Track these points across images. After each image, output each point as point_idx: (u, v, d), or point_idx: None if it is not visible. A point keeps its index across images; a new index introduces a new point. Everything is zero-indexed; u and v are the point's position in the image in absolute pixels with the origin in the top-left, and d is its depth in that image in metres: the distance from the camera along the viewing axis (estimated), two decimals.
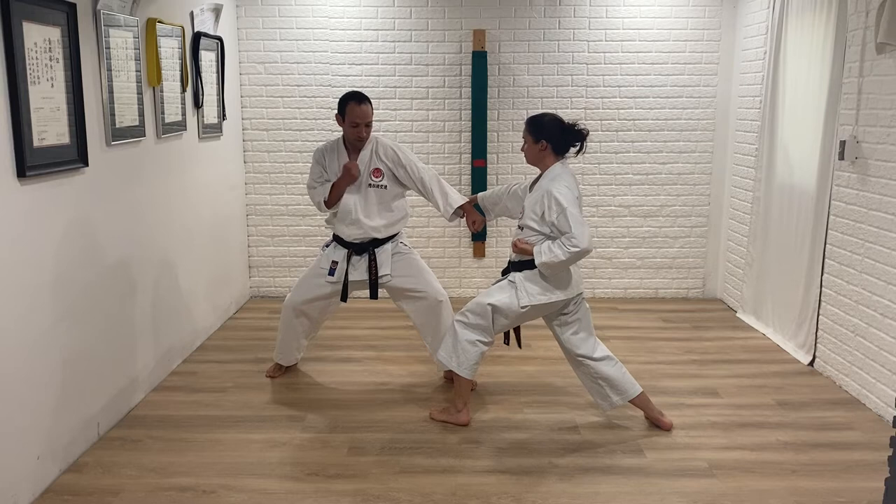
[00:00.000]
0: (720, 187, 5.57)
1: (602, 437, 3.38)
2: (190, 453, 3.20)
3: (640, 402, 3.44)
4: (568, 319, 3.40)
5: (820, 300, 4.15)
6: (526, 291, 3.30)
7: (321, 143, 3.91)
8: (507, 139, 5.52)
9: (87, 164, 3.16)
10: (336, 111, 3.72)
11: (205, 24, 4.59)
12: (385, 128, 5.46)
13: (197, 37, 4.45)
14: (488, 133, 5.46)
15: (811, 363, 4.23)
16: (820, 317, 4.16)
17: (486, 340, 3.38)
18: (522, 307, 3.29)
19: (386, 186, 3.75)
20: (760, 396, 3.83)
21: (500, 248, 5.67)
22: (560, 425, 3.50)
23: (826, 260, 4.09)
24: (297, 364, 4.24)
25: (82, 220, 3.18)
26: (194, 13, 4.44)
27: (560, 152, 3.35)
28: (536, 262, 3.23)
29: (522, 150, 3.45)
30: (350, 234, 3.76)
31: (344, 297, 3.83)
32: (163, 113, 4.00)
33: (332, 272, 3.79)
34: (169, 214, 4.12)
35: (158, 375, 3.97)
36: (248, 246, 5.66)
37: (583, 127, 3.35)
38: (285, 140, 5.53)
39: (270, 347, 4.55)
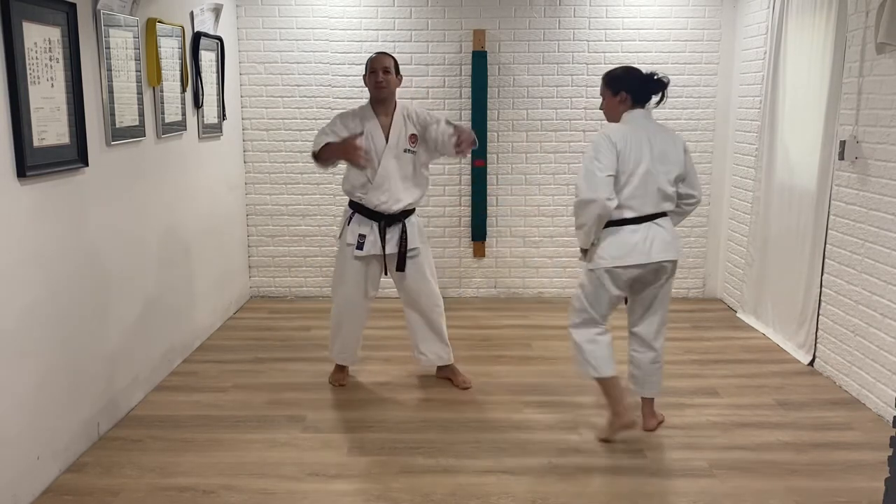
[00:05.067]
0: (720, 187, 5.56)
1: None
2: (190, 453, 3.20)
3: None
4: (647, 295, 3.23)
5: (820, 300, 4.15)
6: (595, 255, 3.13)
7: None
8: (507, 139, 5.52)
9: (87, 164, 3.16)
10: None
11: (205, 24, 4.59)
12: None
13: (197, 37, 4.45)
14: (488, 133, 5.46)
15: (811, 363, 4.23)
16: (820, 317, 4.16)
17: (599, 330, 3.22)
18: (590, 270, 3.15)
19: (416, 152, 3.71)
20: (760, 396, 3.82)
21: (499, 248, 5.67)
22: (560, 425, 3.49)
23: (826, 260, 4.09)
24: (299, 364, 4.24)
25: (82, 220, 3.18)
26: (194, 13, 4.44)
27: (640, 102, 3.19)
28: None
29: (601, 108, 3.28)
30: (384, 201, 3.64)
31: (387, 271, 3.76)
32: (163, 113, 4.00)
33: (360, 246, 3.68)
34: (169, 214, 4.12)
35: (158, 375, 3.97)
36: (248, 246, 5.66)
37: (663, 75, 3.20)
38: (285, 140, 5.53)
39: (270, 347, 4.56)
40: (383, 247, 3.68)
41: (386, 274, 3.79)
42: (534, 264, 5.69)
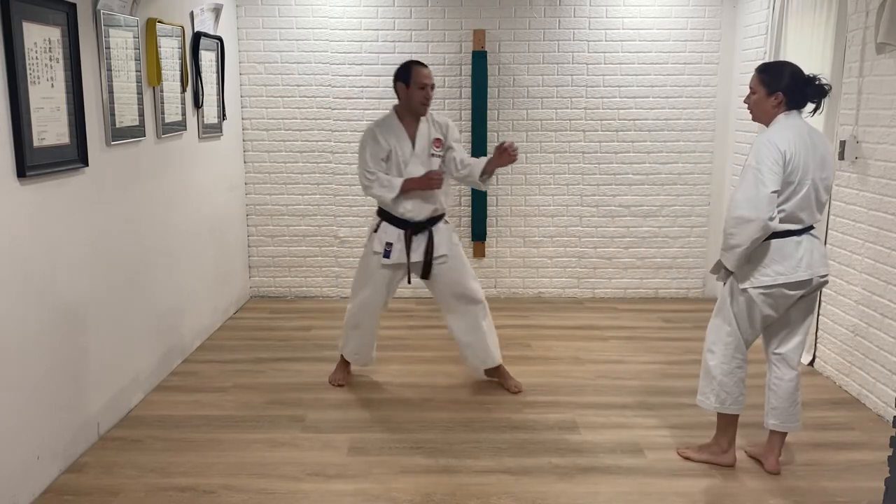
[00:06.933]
0: (720, 187, 5.57)
1: (602, 437, 3.37)
2: (190, 453, 3.20)
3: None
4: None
5: (820, 300, 4.15)
6: (754, 272, 2.86)
7: (371, 122, 3.76)
8: (507, 139, 5.50)
9: (87, 164, 3.16)
10: (394, 80, 3.63)
11: (205, 24, 4.59)
12: None
13: (197, 37, 4.45)
14: (488, 133, 5.45)
15: (811, 363, 4.23)
16: (820, 317, 4.16)
17: (739, 361, 3.00)
18: (742, 290, 2.90)
19: (443, 157, 3.70)
20: (760, 396, 3.78)
21: (499, 248, 5.67)
22: (560, 425, 3.49)
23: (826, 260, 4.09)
24: (299, 364, 4.23)
25: (82, 220, 3.18)
26: (194, 13, 4.44)
27: (795, 107, 2.86)
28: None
29: (746, 101, 2.96)
30: (414, 209, 3.63)
31: (409, 279, 3.74)
32: (163, 113, 4.00)
33: (387, 255, 3.66)
34: (169, 214, 4.12)
35: (158, 375, 3.97)
36: (248, 246, 5.66)
37: (826, 82, 2.85)
38: (285, 140, 5.53)
39: (270, 347, 4.56)
40: (409, 255, 3.66)
41: (409, 282, 3.77)
42: (534, 264, 5.69)
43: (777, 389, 3.03)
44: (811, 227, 2.89)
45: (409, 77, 3.57)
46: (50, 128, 2.89)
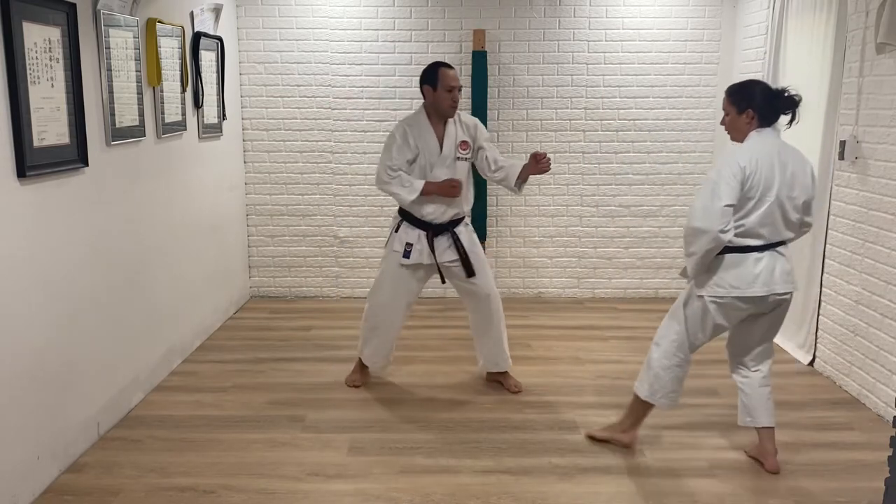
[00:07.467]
0: None
1: None
2: (190, 453, 3.20)
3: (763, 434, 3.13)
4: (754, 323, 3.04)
5: (820, 300, 4.15)
6: (710, 281, 2.91)
7: (403, 118, 3.72)
8: (507, 139, 5.52)
9: (87, 164, 3.16)
10: (421, 83, 3.59)
11: (205, 24, 4.59)
12: (385, 128, 5.45)
13: (197, 37, 4.45)
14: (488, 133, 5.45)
15: (811, 363, 4.23)
16: (820, 317, 4.16)
17: (680, 360, 3.07)
18: (698, 296, 2.97)
19: (473, 158, 3.68)
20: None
21: (500, 248, 5.67)
22: (560, 425, 3.49)
23: (826, 260, 4.09)
24: (299, 364, 4.23)
25: (82, 220, 3.18)
26: (194, 13, 4.44)
27: (768, 122, 2.90)
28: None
29: (723, 123, 3.02)
30: (436, 211, 3.62)
31: (443, 279, 3.73)
32: (163, 113, 4.00)
33: (406, 255, 3.65)
34: (169, 214, 4.12)
35: (158, 375, 3.97)
36: (248, 246, 5.66)
37: (795, 93, 2.88)
38: (285, 140, 5.53)
39: (270, 347, 4.56)
40: (435, 256, 3.64)
41: (444, 282, 3.76)
42: (534, 264, 5.70)
43: (744, 387, 3.11)
44: (778, 244, 2.91)
45: (435, 80, 3.53)
46: (50, 128, 2.89)
